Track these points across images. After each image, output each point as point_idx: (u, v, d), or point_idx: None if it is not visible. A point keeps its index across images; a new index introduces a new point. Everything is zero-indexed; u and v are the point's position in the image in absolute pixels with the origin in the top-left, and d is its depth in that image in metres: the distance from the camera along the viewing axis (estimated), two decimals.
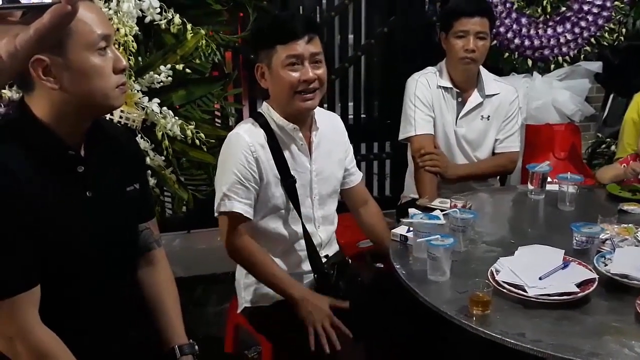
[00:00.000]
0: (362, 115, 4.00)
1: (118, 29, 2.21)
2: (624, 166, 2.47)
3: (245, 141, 1.89)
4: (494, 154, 2.74)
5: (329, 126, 2.10)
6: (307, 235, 1.98)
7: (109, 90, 1.35)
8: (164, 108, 2.36)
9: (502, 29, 3.27)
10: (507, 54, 3.35)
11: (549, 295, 1.55)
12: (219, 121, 2.72)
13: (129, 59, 2.29)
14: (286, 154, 1.95)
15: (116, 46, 2.19)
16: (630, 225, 1.97)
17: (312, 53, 1.87)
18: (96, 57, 1.31)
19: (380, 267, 2.29)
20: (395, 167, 3.95)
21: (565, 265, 1.68)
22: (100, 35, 1.31)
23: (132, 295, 1.57)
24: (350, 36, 3.81)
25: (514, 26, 3.29)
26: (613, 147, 3.51)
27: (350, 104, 3.92)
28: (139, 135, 2.33)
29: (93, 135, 1.42)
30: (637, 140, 2.52)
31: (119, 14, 2.23)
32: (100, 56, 1.32)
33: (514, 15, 3.29)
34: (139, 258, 1.61)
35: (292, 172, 1.95)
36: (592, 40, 3.39)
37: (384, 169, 4.08)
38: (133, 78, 2.32)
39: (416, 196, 2.63)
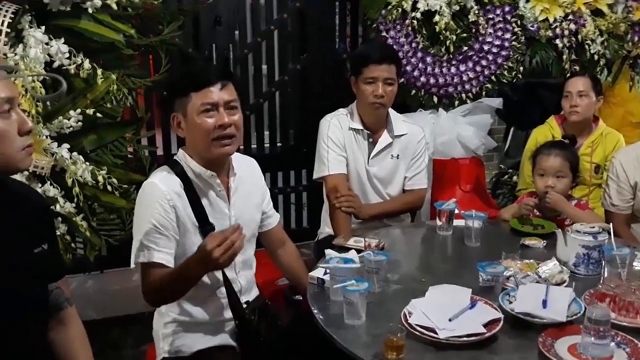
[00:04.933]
0: (278, 144, 4.04)
1: None
2: (519, 205, 2.63)
3: (160, 190, 1.87)
4: (404, 190, 2.85)
5: (246, 171, 2.12)
6: (227, 282, 1.98)
7: (15, 153, 1.33)
8: (74, 153, 2.32)
9: (408, 68, 3.41)
10: (413, 91, 3.49)
11: (458, 336, 1.63)
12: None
13: (36, 105, 2.24)
14: (204, 201, 1.95)
15: (23, 92, 2.14)
16: (532, 261, 2.09)
17: (227, 100, 1.89)
18: (0, 121, 1.29)
19: (299, 299, 2.32)
20: (312, 198, 4.01)
21: (472, 305, 1.77)
22: (3, 99, 1.29)
23: (44, 357, 1.53)
24: (265, 73, 3.86)
25: (420, 65, 3.44)
26: (515, 178, 3.71)
27: (266, 132, 3.97)
28: (48, 182, 2.28)
29: None
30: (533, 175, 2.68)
31: (25, 60, 2.18)
32: (4, 119, 1.30)
33: (419, 54, 3.43)
34: (49, 319, 1.56)
35: (211, 219, 1.94)
36: (493, 77, 3.58)
37: (301, 200, 4.13)
38: (41, 123, 2.27)
39: (332, 232, 2.69)
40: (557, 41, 3.64)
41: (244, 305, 2.02)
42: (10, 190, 1.44)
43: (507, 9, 3.51)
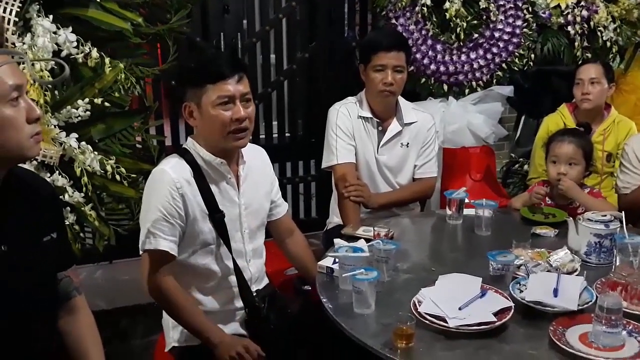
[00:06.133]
0: (287, 134, 4.03)
1: (33, 64, 2.16)
2: (530, 194, 2.60)
3: (170, 177, 1.87)
4: (414, 179, 2.83)
5: (256, 159, 2.11)
6: (238, 271, 1.98)
7: (23, 141, 1.32)
8: (83, 143, 2.31)
9: (418, 55, 3.38)
10: (423, 79, 3.46)
11: (468, 325, 1.62)
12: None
13: (44, 94, 2.24)
14: (214, 188, 1.95)
15: (31, 81, 2.13)
16: (543, 249, 2.08)
17: (243, 93, 1.89)
18: (8, 109, 1.28)
19: (308, 289, 2.32)
20: (321, 188, 4.00)
21: (483, 293, 1.76)
22: (12, 86, 1.28)
23: (54, 346, 1.53)
24: (273, 62, 3.84)
25: (430, 52, 3.41)
26: (526, 167, 3.68)
27: (274, 123, 3.95)
28: (57, 172, 2.28)
29: (8, 187, 1.38)
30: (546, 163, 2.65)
31: (33, 49, 2.18)
32: (12, 107, 1.29)
33: (429, 42, 3.40)
34: (59, 307, 1.56)
35: (221, 207, 1.94)
36: (504, 65, 3.55)
37: (309, 190, 4.12)
38: (50, 113, 2.26)
39: (341, 222, 2.68)
40: (569, 28, 3.60)
41: (254, 294, 2.02)
42: (19, 179, 1.43)
43: None
